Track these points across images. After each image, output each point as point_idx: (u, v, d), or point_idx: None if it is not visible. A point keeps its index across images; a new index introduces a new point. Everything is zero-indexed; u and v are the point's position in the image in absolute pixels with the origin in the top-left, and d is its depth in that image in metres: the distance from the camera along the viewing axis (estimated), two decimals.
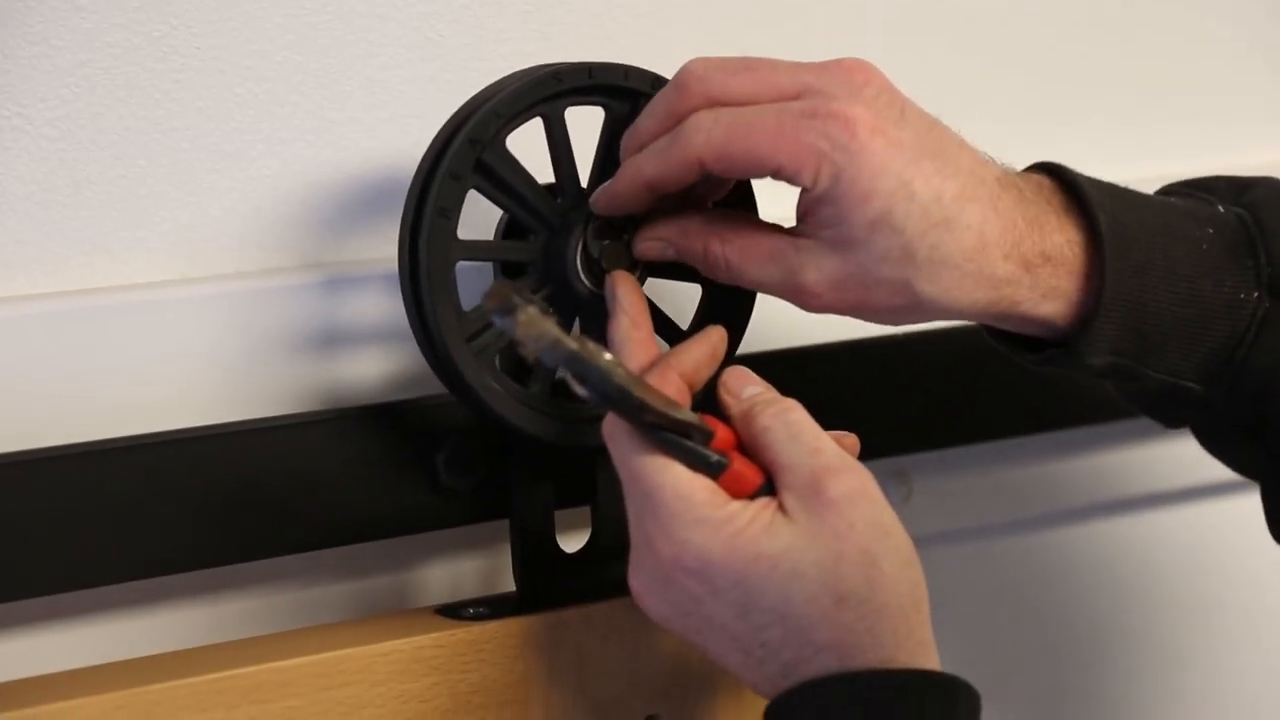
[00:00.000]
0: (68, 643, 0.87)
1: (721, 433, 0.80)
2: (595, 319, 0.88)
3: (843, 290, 0.82)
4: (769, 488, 0.79)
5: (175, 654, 0.86)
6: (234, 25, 0.90)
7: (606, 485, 0.92)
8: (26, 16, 0.86)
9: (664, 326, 0.90)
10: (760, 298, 0.91)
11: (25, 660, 0.86)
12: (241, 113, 0.91)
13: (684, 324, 0.91)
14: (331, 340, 0.92)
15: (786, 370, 1.00)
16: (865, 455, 1.04)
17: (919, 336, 1.05)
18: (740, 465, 0.79)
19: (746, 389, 0.82)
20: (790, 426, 0.79)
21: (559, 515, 0.91)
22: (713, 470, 0.78)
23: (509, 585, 0.91)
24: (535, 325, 0.75)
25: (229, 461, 0.87)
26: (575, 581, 0.91)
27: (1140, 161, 1.17)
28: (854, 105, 0.81)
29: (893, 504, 0.79)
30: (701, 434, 0.79)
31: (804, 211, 0.82)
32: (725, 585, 0.77)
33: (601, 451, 0.90)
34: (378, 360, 0.93)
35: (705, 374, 0.83)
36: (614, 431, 0.79)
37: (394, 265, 0.87)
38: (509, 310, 0.75)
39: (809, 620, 0.76)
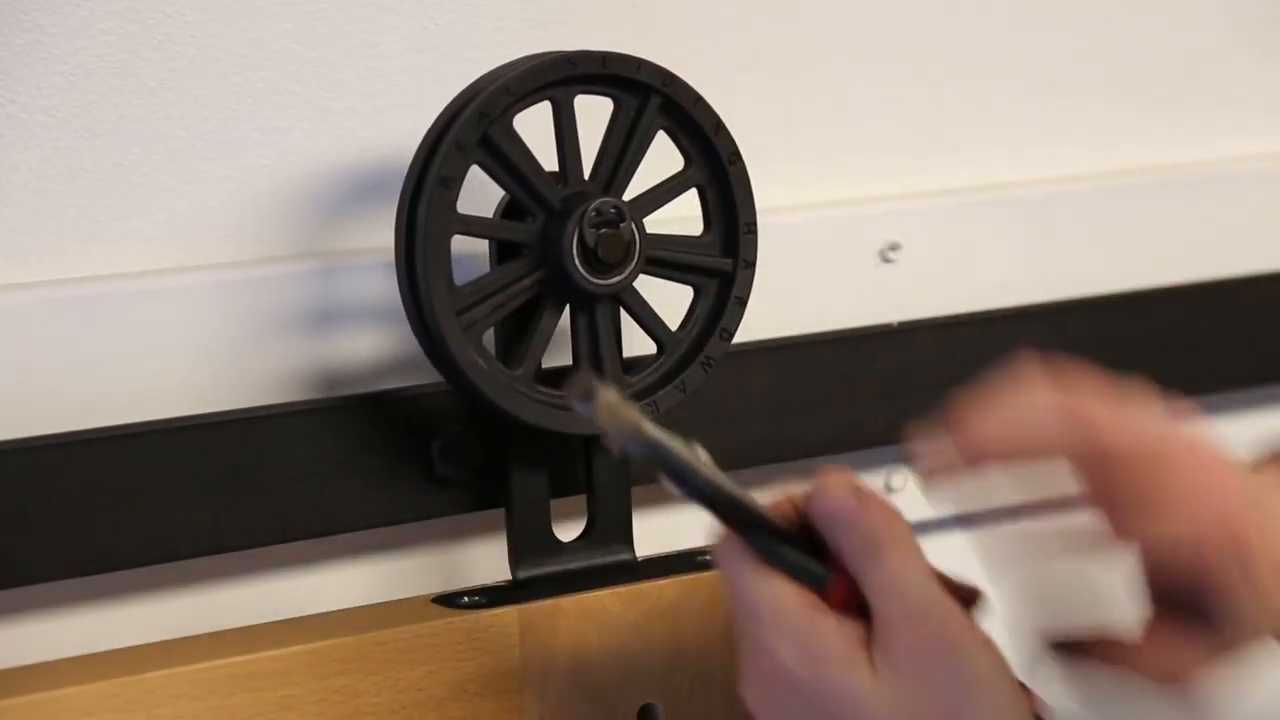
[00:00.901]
0: (62, 631, 0.87)
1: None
2: (587, 306, 0.88)
3: None
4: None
5: (170, 642, 0.86)
6: (230, 13, 0.90)
7: (602, 474, 0.92)
8: (21, 3, 0.86)
9: (655, 327, 0.90)
10: (756, 294, 0.91)
11: (19, 648, 0.85)
12: (238, 101, 0.91)
13: (674, 324, 0.91)
14: (327, 329, 0.92)
15: (782, 361, 1.00)
16: (860, 444, 1.04)
17: (912, 326, 1.05)
18: (842, 579, 0.74)
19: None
20: (894, 574, 0.73)
21: (555, 504, 0.91)
22: (815, 582, 0.74)
23: (505, 574, 0.91)
24: (617, 412, 0.73)
25: (224, 450, 0.87)
26: (571, 570, 0.91)
27: (1138, 151, 1.17)
28: None
29: (884, 493, 0.78)
30: (798, 541, 0.74)
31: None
32: (811, 707, 0.73)
33: (595, 441, 0.90)
34: (374, 349, 0.93)
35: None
36: (723, 547, 0.75)
37: (390, 255, 0.87)
38: (589, 396, 0.73)
39: None
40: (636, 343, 0.91)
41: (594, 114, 0.89)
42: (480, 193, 0.89)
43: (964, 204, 1.09)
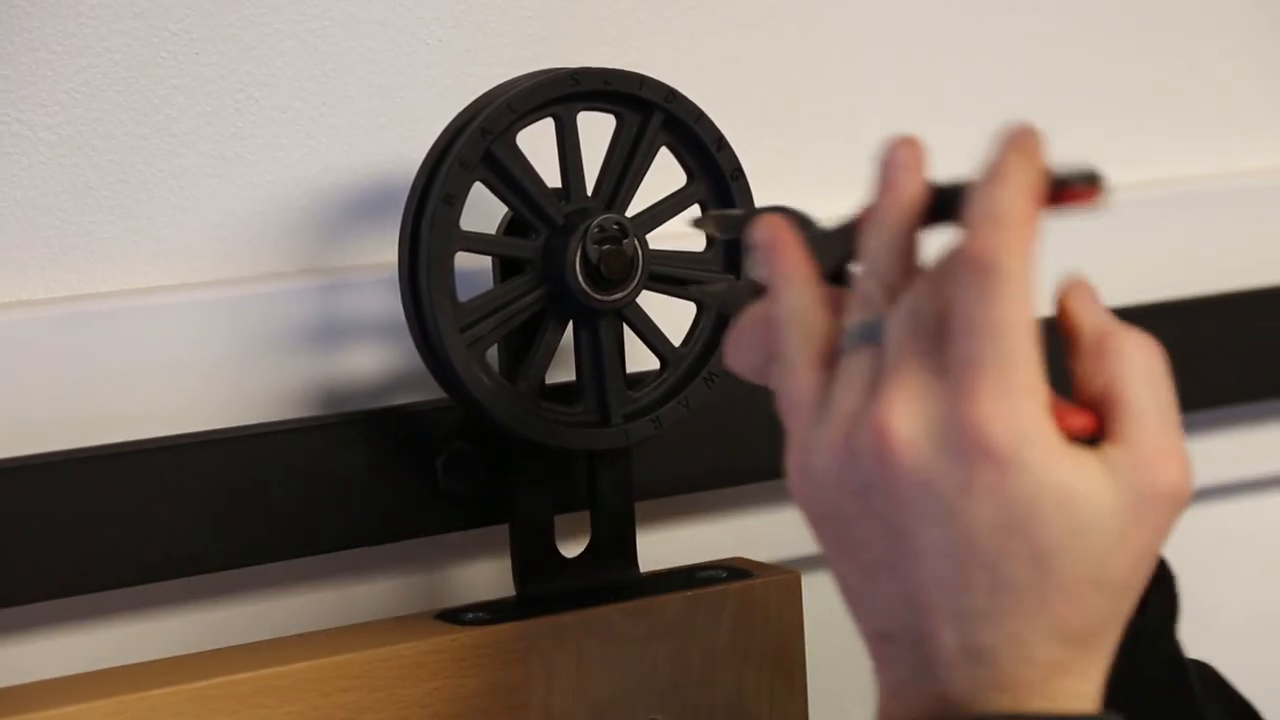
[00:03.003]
0: (67, 648, 0.87)
1: None
2: (590, 322, 0.88)
3: None
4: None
5: (175, 659, 0.86)
6: (234, 31, 0.91)
7: (606, 490, 0.92)
8: (26, 22, 0.86)
9: (658, 343, 0.90)
10: None
11: (24, 665, 0.85)
12: (241, 118, 0.91)
13: (677, 340, 0.91)
14: (331, 346, 0.92)
15: None
16: None
17: None
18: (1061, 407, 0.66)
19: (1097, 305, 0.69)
20: (1155, 378, 0.66)
21: (559, 520, 0.91)
22: None
23: (509, 590, 0.91)
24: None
25: (228, 466, 0.87)
26: (575, 586, 0.91)
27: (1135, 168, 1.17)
28: None
29: None
30: None
31: None
32: (1015, 490, 0.62)
33: (599, 456, 0.90)
34: (377, 365, 0.93)
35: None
36: None
37: (394, 271, 0.87)
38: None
39: (1065, 584, 0.63)
40: (640, 358, 0.91)
41: (597, 130, 0.89)
42: (483, 209, 0.89)
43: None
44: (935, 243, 0.67)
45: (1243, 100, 1.20)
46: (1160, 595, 0.76)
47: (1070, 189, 0.66)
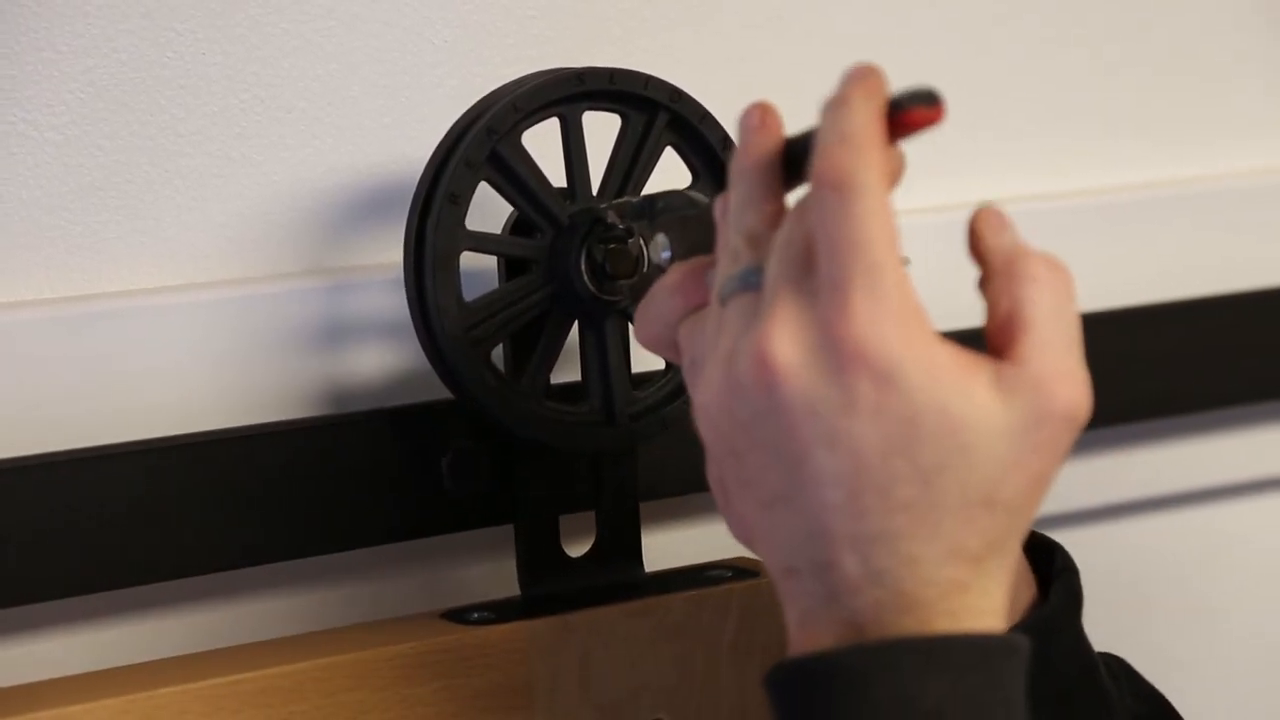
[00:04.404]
0: (72, 647, 0.87)
1: None
2: (596, 321, 0.88)
3: None
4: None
5: (179, 659, 0.86)
6: (239, 31, 0.91)
7: (611, 490, 0.92)
8: (33, 23, 0.87)
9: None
10: None
11: (30, 665, 0.86)
12: (246, 118, 0.91)
13: None
14: (337, 345, 0.92)
15: None
16: None
17: None
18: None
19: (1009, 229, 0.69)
20: (1061, 300, 0.66)
21: (563, 519, 0.91)
22: None
23: (514, 590, 0.91)
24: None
25: (233, 466, 0.87)
26: (580, 586, 0.91)
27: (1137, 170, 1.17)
28: None
29: None
30: None
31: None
32: (896, 407, 0.62)
33: (604, 456, 0.90)
34: (383, 365, 0.93)
35: None
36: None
37: (399, 271, 0.87)
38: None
39: (956, 504, 0.63)
40: (645, 358, 0.91)
41: (602, 129, 0.89)
42: (489, 208, 0.89)
43: (967, 220, 1.09)
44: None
45: (1242, 101, 1.20)
46: (1062, 586, 0.76)
47: (913, 112, 0.67)
